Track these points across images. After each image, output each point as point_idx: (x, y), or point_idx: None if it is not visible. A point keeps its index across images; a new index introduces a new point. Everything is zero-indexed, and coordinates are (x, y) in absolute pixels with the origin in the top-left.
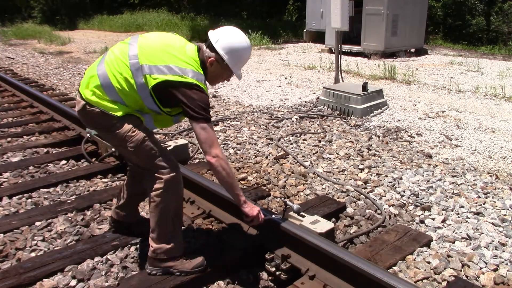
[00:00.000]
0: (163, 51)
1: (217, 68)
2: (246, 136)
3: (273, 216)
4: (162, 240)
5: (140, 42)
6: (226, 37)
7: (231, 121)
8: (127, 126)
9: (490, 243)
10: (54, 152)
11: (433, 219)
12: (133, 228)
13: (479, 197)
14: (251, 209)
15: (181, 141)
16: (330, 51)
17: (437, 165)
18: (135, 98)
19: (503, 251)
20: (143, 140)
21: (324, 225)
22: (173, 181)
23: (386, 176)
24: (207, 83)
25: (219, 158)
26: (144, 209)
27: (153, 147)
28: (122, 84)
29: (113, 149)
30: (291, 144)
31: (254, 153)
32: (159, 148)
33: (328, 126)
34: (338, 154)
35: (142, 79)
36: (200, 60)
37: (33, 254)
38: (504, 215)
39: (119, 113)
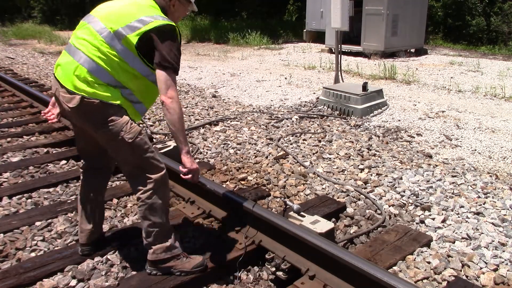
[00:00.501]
0: (126, 11)
1: (179, 7)
2: (246, 136)
3: (208, 186)
4: (160, 240)
5: (99, 16)
6: None
7: (231, 121)
8: (125, 118)
9: (490, 243)
10: (54, 152)
11: (433, 219)
12: (107, 243)
13: (479, 197)
14: (192, 161)
15: None
16: (330, 51)
17: (437, 165)
18: (124, 68)
19: (503, 251)
20: (140, 132)
21: (324, 225)
22: (162, 180)
23: (386, 176)
24: None
25: (174, 100)
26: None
27: (147, 141)
28: (106, 60)
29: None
30: (291, 144)
31: (254, 153)
32: (150, 144)
33: (328, 126)
34: (338, 154)
35: (122, 44)
36: (159, 6)
37: (33, 254)
38: (504, 215)
39: (118, 102)
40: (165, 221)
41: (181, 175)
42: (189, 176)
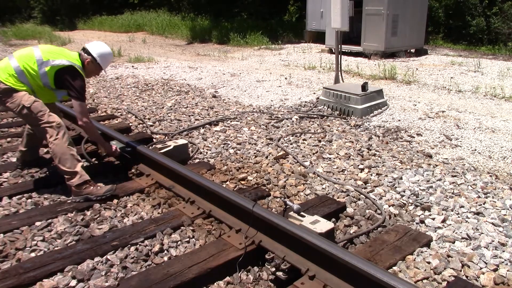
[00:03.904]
0: (58, 53)
1: (91, 66)
2: (246, 136)
3: (123, 144)
4: (68, 165)
5: (41, 48)
6: (98, 46)
7: (231, 121)
8: (13, 99)
9: (490, 243)
10: None
11: (433, 219)
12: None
13: (479, 197)
14: (110, 147)
15: (181, 141)
16: (330, 51)
17: (437, 165)
18: (38, 82)
19: (503, 251)
20: (22, 108)
21: (324, 225)
22: (59, 127)
23: (386, 176)
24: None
25: (87, 124)
26: None
27: (32, 113)
28: (30, 73)
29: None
30: (291, 144)
31: (254, 153)
32: (38, 112)
33: (328, 126)
34: (338, 154)
35: (45, 70)
36: (80, 60)
37: (33, 254)
38: (504, 215)
39: (15, 86)
40: (65, 155)
41: (107, 156)
42: (111, 154)
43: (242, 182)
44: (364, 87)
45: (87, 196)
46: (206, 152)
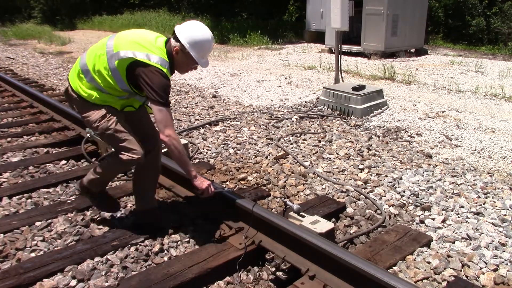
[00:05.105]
0: (134, 42)
1: (182, 56)
2: (246, 136)
3: (225, 188)
4: (95, 186)
5: (117, 36)
6: (189, 29)
7: (231, 121)
8: (95, 116)
9: (490, 243)
10: (54, 152)
11: (433, 219)
12: None
13: (479, 197)
14: (201, 182)
15: (181, 141)
16: (330, 51)
17: (437, 165)
18: (110, 82)
19: (503, 251)
20: (107, 129)
21: (324, 225)
22: (132, 162)
23: (386, 176)
24: (176, 71)
25: (171, 137)
26: None
27: (116, 136)
28: (98, 69)
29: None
30: (291, 144)
31: (254, 153)
32: (123, 136)
33: (328, 126)
34: (338, 154)
35: (115, 64)
36: (167, 49)
37: (33, 254)
38: (504, 215)
39: (92, 100)
40: (104, 178)
41: (199, 196)
42: (204, 194)
43: (242, 182)
44: (357, 88)
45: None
46: (206, 152)
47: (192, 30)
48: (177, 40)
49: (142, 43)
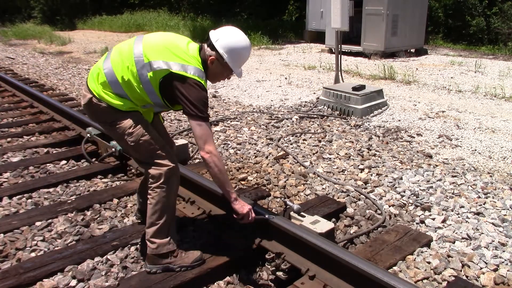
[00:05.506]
0: (167, 50)
1: (218, 67)
2: (246, 136)
3: (267, 216)
4: (162, 235)
5: (144, 42)
6: (226, 36)
7: (231, 121)
8: (128, 122)
9: (490, 243)
10: (54, 152)
11: (433, 219)
12: None
13: (479, 197)
14: (242, 206)
15: (181, 141)
16: (330, 51)
17: (437, 165)
18: (140, 94)
19: (503, 251)
20: (143, 135)
21: (324, 225)
22: (172, 173)
23: (386, 176)
24: (208, 81)
25: (212, 154)
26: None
27: (152, 142)
28: (127, 81)
29: (113, 149)
30: (291, 144)
31: (254, 153)
32: (157, 143)
33: (328, 126)
34: (338, 154)
35: (147, 76)
36: (201, 58)
37: (33, 254)
38: (504, 215)
39: (124, 108)
40: (170, 217)
41: (239, 222)
42: (244, 220)
43: (242, 182)
44: (357, 88)
45: (168, 266)
46: None
47: (230, 38)
48: (212, 48)
49: (175, 52)
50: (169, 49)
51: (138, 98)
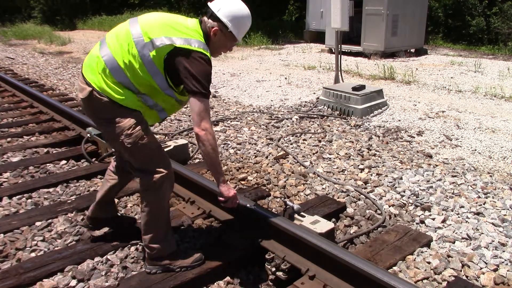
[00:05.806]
0: (167, 26)
1: (221, 38)
2: (246, 136)
3: (248, 205)
4: (159, 239)
5: (141, 22)
6: (228, 5)
7: (231, 121)
8: (130, 121)
9: (490, 243)
10: (54, 152)
11: (433, 219)
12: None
13: (479, 197)
14: (228, 189)
15: (181, 141)
16: (330, 51)
17: (437, 165)
18: (144, 77)
19: (503, 251)
20: (142, 137)
21: (324, 225)
22: (165, 179)
23: (386, 176)
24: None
25: (207, 132)
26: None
27: (150, 147)
28: (129, 65)
29: (113, 149)
30: (291, 144)
31: (254, 153)
32: (155, 146)
33: (328, 126)
34: (338, 154)
35: (149, 56)
36: (203, 31)
37: (33, 254)
38: (504, 215)
39: (125, 102)
40: (165, 221)
41: (221, 203)
42: (228, 203)
43: (242, 182)
44: (357, 88)
45: (168, 267)
46: None
47: (232, 6)
48: (214, 19)
49: (176, 27)
50: (169, 25)
51: (142, 83)
